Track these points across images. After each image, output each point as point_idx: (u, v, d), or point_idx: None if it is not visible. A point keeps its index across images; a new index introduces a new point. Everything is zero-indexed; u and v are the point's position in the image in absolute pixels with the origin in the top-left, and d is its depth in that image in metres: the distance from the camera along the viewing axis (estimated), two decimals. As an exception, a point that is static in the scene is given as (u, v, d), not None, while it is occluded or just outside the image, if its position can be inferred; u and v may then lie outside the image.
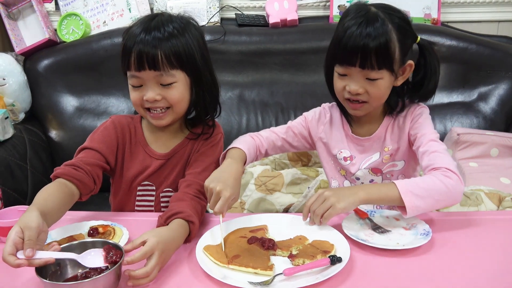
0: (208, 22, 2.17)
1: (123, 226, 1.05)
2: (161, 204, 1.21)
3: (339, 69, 1.12)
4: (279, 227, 1.05)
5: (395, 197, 1.00)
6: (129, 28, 1.10)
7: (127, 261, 0.82)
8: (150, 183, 1.20)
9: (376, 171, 1.22)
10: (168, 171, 1.20)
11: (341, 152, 1.24)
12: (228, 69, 2.08)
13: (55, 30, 2.22)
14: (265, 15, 2.20)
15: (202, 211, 1.07)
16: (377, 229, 1.03)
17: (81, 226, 1.06)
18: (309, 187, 1.64)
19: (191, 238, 0.99)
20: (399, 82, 1.14)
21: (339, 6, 2.17)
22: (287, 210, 1.61)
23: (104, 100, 2.09)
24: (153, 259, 0.84)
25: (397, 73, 1.11)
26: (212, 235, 1.00)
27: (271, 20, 2.12)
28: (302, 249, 0.95)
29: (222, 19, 2.23)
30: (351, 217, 1.07)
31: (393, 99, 1.17)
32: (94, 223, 1.07)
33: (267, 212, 1.56)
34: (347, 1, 2.18)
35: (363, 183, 1.24)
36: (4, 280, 0.88)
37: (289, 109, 2.03)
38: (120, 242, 0.98)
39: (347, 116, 1.24)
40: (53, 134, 2.08)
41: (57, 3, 2.26)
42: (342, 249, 0.94)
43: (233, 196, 0.99)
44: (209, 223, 1.10)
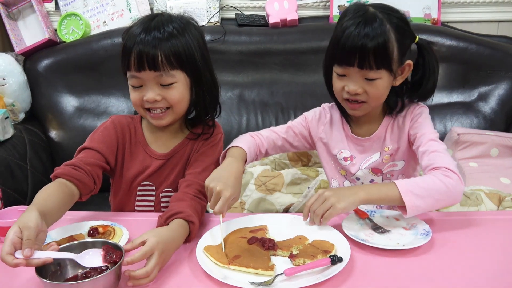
0: (208, 22, 2.17)
1: (123, 226, 1.05)
2: (161, 204, 1.21)
3: (337, 69, 1.12)
4: (279, 227, 1.05)
5: (395, 197, 1.00)
6: (129, 28, 1.10)
7: (127, 261, 0.82)
8: (150, 183, 1.20)
9: (376, 171, 1.22)
10: (168, 171, 1.20)
11: (341, 152, 1.24)
12: (228, 69, 2.08)
13: (55, 30, 2.21)
14: (265, 15, 2.20)
15: (202, 211, 1.07)
16: (377, 229, 1.03)
17: (81, 226, 1.06)
18: (309, 187, 1.64)
19: (191, 238, 0.99)
20: (398, 82, 1.14)
21: (339, 6, 2.17)
22: (287, 210, 1.61)
23: (104, 100, 2.09)
24: (153, 259, 0.84)
25: (396, 73, 1.11)
26: (212, 236, 1.00)
27: (271, 20, 2.12)
28: (302, 249, 0.95)
29: (222, 19, 2.22)
30: (351, 217, 1.07)
31: (392, 99, 1.17)
32: (94, 223, 1.07)
33: (267, 212, 1.56)
34: (347, 1, 2.18)
35: (363, 183, 1.24)
36: (3, 280, 0.88)
37: (289, 109, 2.03)
38: (120, 242, 0.98)
39: (346, 117, 1.24)
40: (53, 134, 2.08)
41: (57, 3, 2.26)
42: (343, 249, 0.93)
43: (233, 196, 0.99)
44: (209, 223, 1.09)
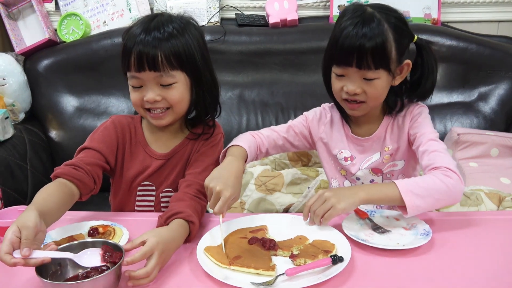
0: (208, 22, 2.17)
1: (123, 226, 1.05)
2: (161, 204, 1.21)
3: (336, 69, 1.12)
4: (279, 227, 1.05)
5: (395, 196, 1.00)
6: (129, 28, 1.10)
7: (127, 262, 0.82)
8: (150, 183, 1.20)
9: (377, 171, 1.22)
10: (168, 171, 1.20)
11: (342, 152, 1.24)
12: (228, 69, 2.08)
13: (55, 30, 2.21)
14: (265, 15, 2.20)
15: (202, 211, 1.07)
16: (377, 229, 1.03)
17: (81, 226, 1.06)
18: (309, 187, 1.63)
19: (191, 238, 0.99)
20: (397, 82, 1.14)
21: (339, 6, 2.17)
22: (287, 210, 1.61)
23: (104, 100, 2.09)
24: (153, 259, 0.84)
25: (395, 73, 1.11)
26: (212, 236, 1.00)
27: (271, 20, 2.12)
28: (303, 249, 0.95)
29: (222, 19, 2.22)
30: (351, 217, 1.07)
31: (392, 99, 1.17)
32: (94, 223, 1.07)
33: (267, 212, 1.56)
34: (347, 1, 2.18)
35: (363, 183, 1.23)
36: (3, 280, 0.88)
37: (289, 109, 2.03)
38: (120, 242, 0.98)
39: (346, 117, 1.24)
40: (53, 134, 2.07)
41: (57, 3, 2.26)
42: (343, 248, 0.93)
43: (233, 196, 0.99)
44: (209, 223, 1.09)
